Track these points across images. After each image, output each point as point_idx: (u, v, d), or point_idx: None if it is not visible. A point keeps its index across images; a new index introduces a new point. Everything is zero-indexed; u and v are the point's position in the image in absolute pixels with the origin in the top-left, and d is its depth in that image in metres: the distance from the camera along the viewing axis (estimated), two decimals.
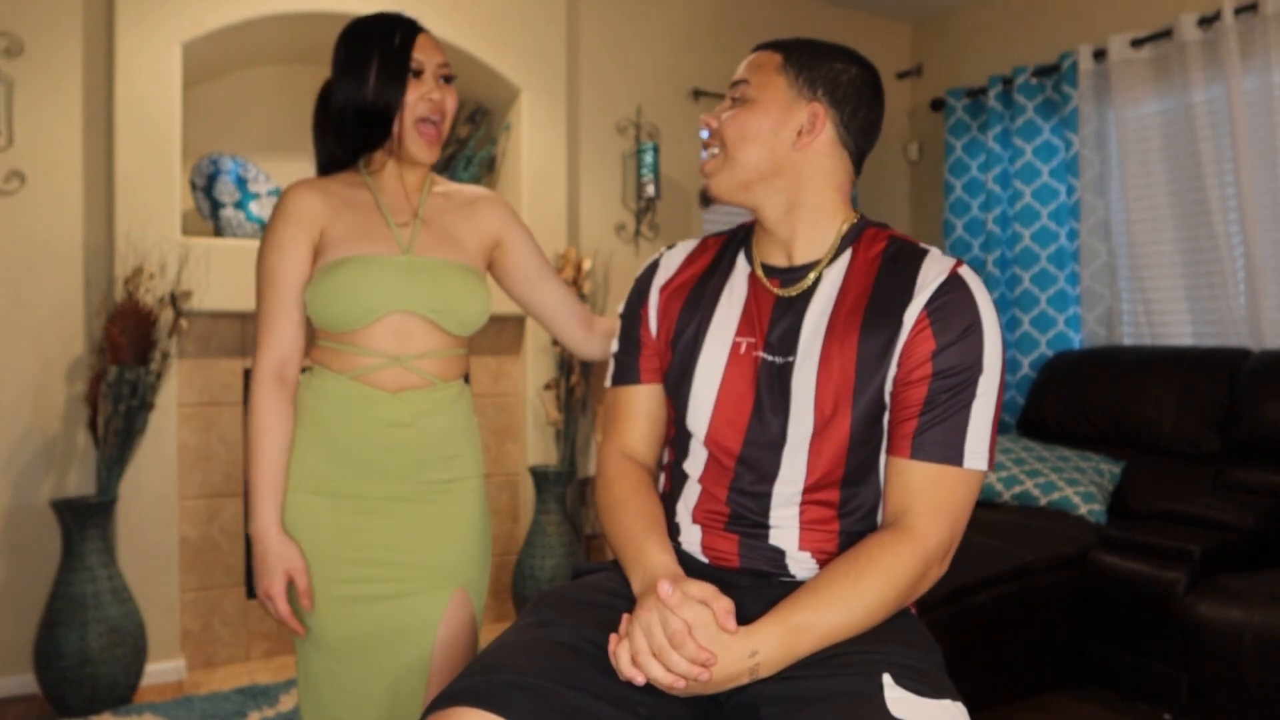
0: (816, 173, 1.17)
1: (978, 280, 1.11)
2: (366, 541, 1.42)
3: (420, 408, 1.44)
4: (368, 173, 1.50)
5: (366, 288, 1.40)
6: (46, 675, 2.51)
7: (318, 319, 1.43)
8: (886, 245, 1.16)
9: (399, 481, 1.43)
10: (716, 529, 1.17)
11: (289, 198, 1.44)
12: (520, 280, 1.58)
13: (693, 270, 1.28)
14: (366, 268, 1.40)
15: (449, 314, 1.45)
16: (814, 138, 1.16)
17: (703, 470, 1.18)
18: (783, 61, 1.18)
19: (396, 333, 1.42)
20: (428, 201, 1.52)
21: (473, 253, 1.52)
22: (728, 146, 1.18)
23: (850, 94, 1.18)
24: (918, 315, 1.08)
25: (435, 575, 1.44)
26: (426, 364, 1.45)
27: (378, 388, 1.42)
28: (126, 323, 2.58)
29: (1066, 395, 3.33)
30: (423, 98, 1.43)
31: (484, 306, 1.50)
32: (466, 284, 1.47)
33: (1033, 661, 2.55)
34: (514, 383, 3.52)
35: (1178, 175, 3.33)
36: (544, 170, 3.47)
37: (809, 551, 1.13)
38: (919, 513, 1.05)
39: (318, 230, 1.43)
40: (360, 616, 1.41)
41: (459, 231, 1.52)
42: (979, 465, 1.07)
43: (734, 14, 3.86)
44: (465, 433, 1.52)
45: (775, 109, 1.16)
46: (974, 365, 1.07)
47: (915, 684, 0.96)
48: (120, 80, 2.75)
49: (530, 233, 1.61)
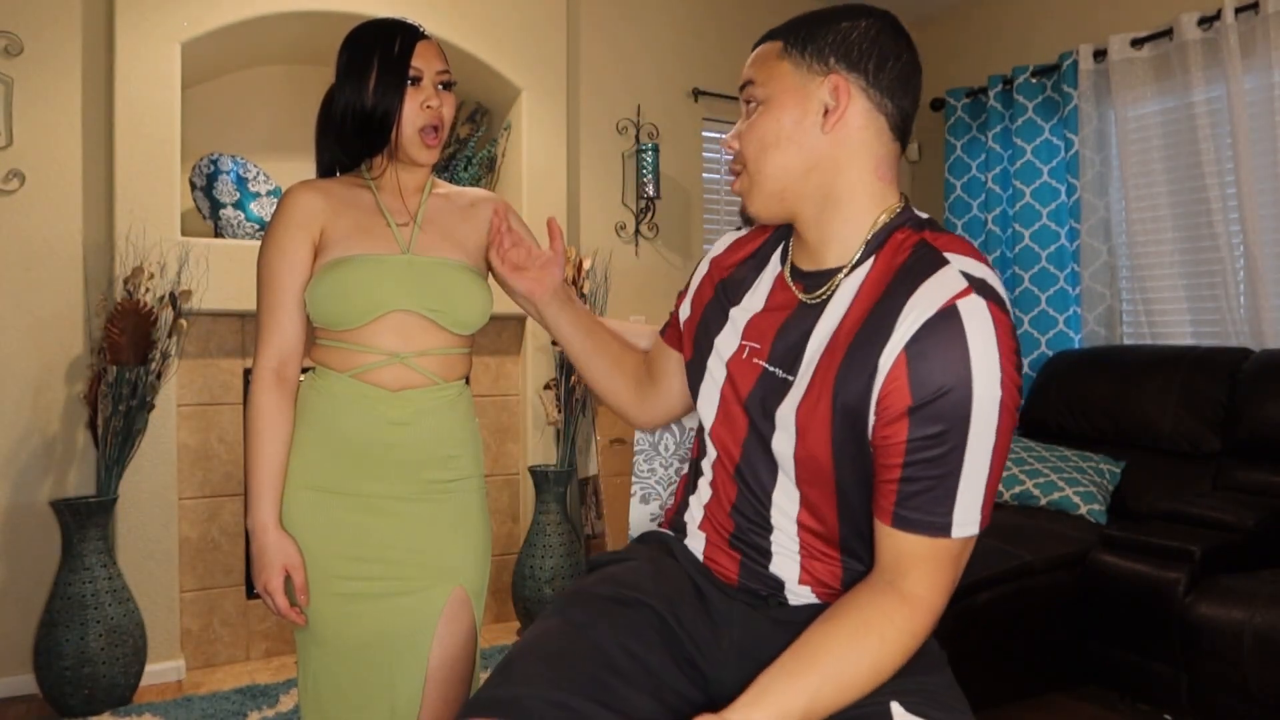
0: (855, 154, 1.01)
1: (983, 313, 0.90)
2: (367, 539, 1.42)
3: (421, 406, 1.45)
4: (369, 175, 1.51)
5: (367, 286, 1.40)
6: (46, 675, 2.51)
7: (318, 317, 1.43)
8: (910, 254, 0.98)
9: (400, 480, 1.44)
10: (720, 544, 1.13)
11: (290, 198, 1.45)
12: None
13: (737, 256, 1.20)
14: (367, 266, 1.41)
15: (448, 313, 1.45)
16: (843, 114, 1.00)
17: (714, 474, 1.15)
18: (783, 46, 1.04)
19: (397, 331, 1.43)
20: (428, 202, 1.53)
21: (473, 252, 1.53)
22: (750, 164, 1.06)
23: (869, 49, 1.01)
24: (894, 360, 0.92)
25: (435, 574, 1.45)
26: (427, 362, 1.46)
27: (379, 386, 1.43)
28: (126, 323, 2.58)
29: (1066, 395, 3.33)
30: (421, 106, 1.44)
31: (483, 306, 1.50)
32: (466, 283, 1.47)
33: (1033, 661, 2.55)
34: (514, 383, 3.52)
35: (1178, 175, 3.33)
36: (544, 170, 3.47)
37: (809, 586, 1.07)
38: (915, 578, 0.95)
39: (318, 230, 1.44)
40: (359, 614, 1.42)
41: (459, 232, 1.53)
42: (968, 533, 0.94)
43: (734, 14, 3.86)
44: (466, 433, 1.52)
45: (789, 99, 1.02)
46: (961, 424, 0.90)
47: (925, 708, 0.94)
48: (120, 80, 2.75)
49: (532, 235, 1.60)
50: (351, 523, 1.42)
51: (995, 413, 0.90)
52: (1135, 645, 2.43)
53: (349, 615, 1.42)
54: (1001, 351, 0.90)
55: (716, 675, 1.07)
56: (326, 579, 1.41)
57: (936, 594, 0.96)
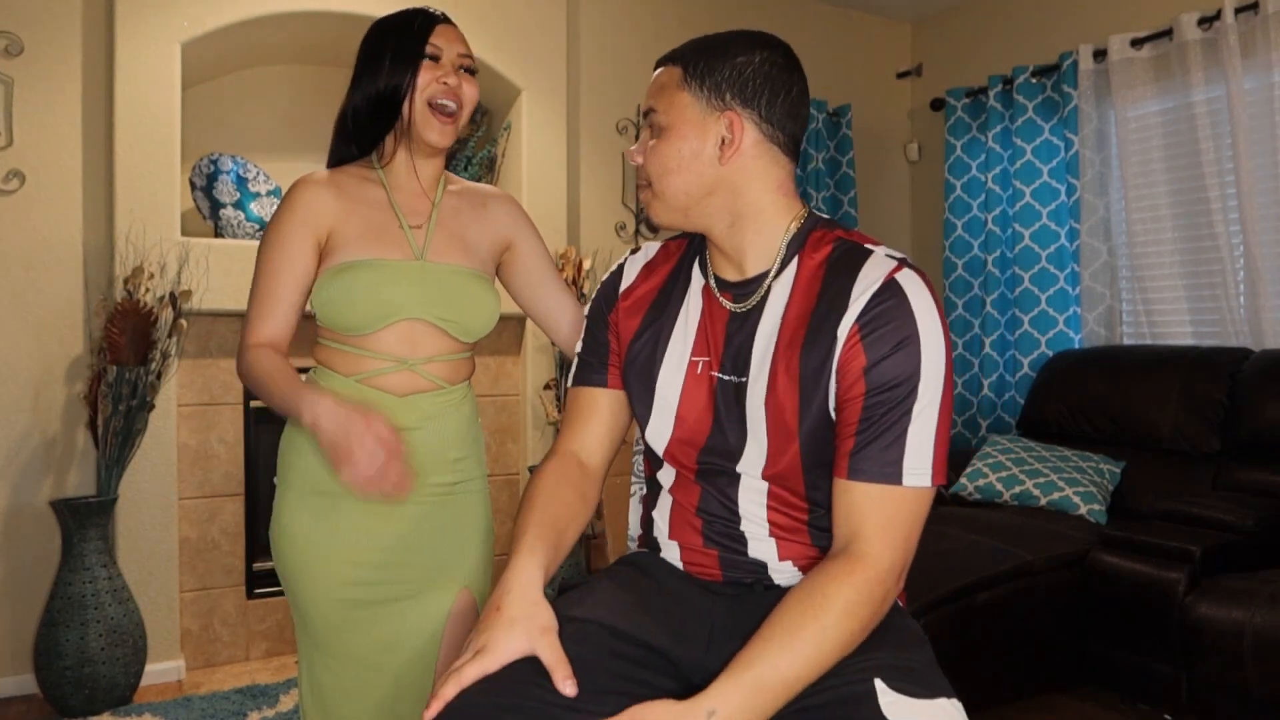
0: (751, 180, 1.11)
1: (918, 283, 1.04)
2: (371, 544, 1.40)
3: (427, 412, 1.42)
4: (380, 166, 1.46)
5: (379, 294, 1.37)
6: (46, 675, 2.51)
7: (325, 320, 1.40)
8: (832, 249, 1.10)
9: None
10: (695, 547, 1.15)
11: (298, 192, 1.40)
12: (525, 284, 1.55)
13: (652, 282, 1.24)
14: (380, 273, 1.37)
15: (457, 322, 1.43)
16: (737, 147, 1.09)
17: (673, 482, 1.18)
18: (682, 75, 1.11)
19: (405, 338, 1.40)
20: (443, 202, 1.48)
21: (484, 258, 1.50)
22: (655, 183, 1.13)
23: (762, 85, 1.09)
24: (850, 329, 1.03)
25: (440, 578, 1.43)
26: (434, 368, 1.43)
27: (386, 391, 1.40)
28: (126, 323, 2.58)
29: (1066, 395, 3.33)
30: (436, 80, 1.38)
31: (491, 315, 1.47)
32: (476, 292, 1.44)
33: (1033, 661, 2.55)
34: (514, 383, 3.52)
35: (1178, 175, 3.33)
36: (544, 170, 3.47)
37: (790, 560, 1.11)
38: (867, 535, 1.00)
39: (325, 230, 1.40)
40: (365, 620, 1.41)
41: (471, 234, 1.49)
42: (920, 483, 1.01)
43: (734, 14, 3.86)
44: (471, 435, 1.50)
45: (689, 130, 1.10)
46: (911, 377, 1.01)
47: (908, 685, 0.95)
48: (120, 80, 2.75)
49: (540, 236, 1.58)
50: (357, 527, 1.40)
51: (941, 366, 1.02)
52: (1135, 645, 2.43)
53: (354, 621, 1.40)
54: (939, 315, 1.04)
55: (699, 663, 1.07)
56: (331, 584, 1.39)
57: (892, 550, 1.00)
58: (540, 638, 0.97)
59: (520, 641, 0.96)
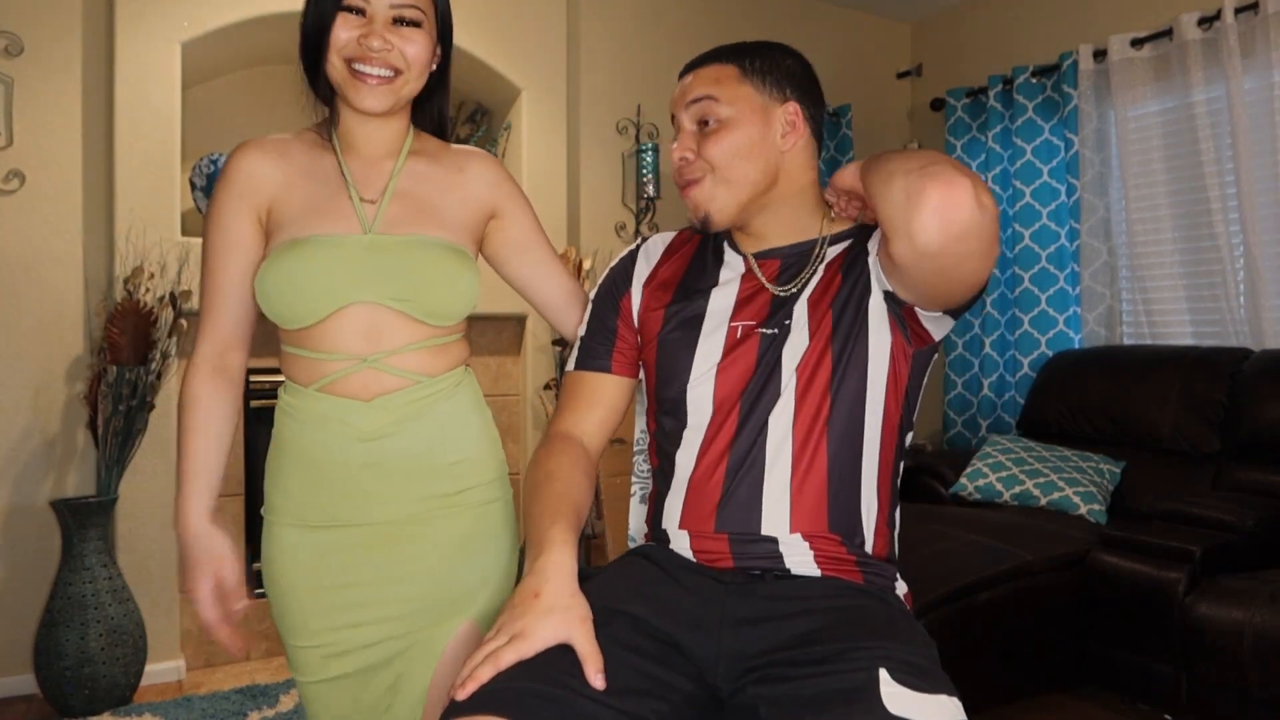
0: (799, 168, 1.22)
1: None
2: (353, 579, 1.21)
3: (400, 413, 1.20)
4: (335, 127, 1.26)
5: (315, 275, 1.15)
6: (46, 675, 2.51)
7: (269, 314, 1.20)
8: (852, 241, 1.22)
9: (389, 502, 1.21)
10: (706, 534, 1.16)
11: (234, 161, 1.22)
12: (513, 256, 1.35)
13: (676, 263, 1.28)
14: (319, 250, 1.16)
15: (418, 302, 1.20)
16: (798, 136, 1.21)
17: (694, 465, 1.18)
18: (739, 71, 1.21)
19: (362, 329, 1.18)
20: (405, 166, 1.26)
21: (456, 228, 1.26)
22: (718, 169, 1.19)
23: (807, 83, 1.24)
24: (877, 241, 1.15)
25: (438, 610, 1.23)
26: (404, 360, 1.21)
27: (349, 397, 1.19)
28: (126, 323, 2.58)
29: (1066, 395, 3.33)
30: (358, 40, 1.16)
31: (464, 291, 1.22)
32: (442, 265, 1.21)
33: (1033, 661, 2.55)
34: (514, 383, 3.52)
35: (1178, 175, 3.33)
36: (544, 170, 3.47)
37: (800, 534, 1.12)
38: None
39: (265, 204, 1.21)
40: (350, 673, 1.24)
41: (442, 202, 1.26)
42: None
43: (734, 14, 3.86)
44: (472, 431, 1.28)
45: (756, 118, 1.19)
46: None
47: (911, 679, 0.95)
48: (120, 80, 2.75)
49: (530, 205, 1.37)
50: (336, 563, 1.21)
51: None
52: (1135, 645, 2.43)
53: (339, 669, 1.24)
54: None
55: (709, 653, 1.07)
56: (312, 633, 1.22)
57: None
58: (579, 627, 0.97)
59: (558, 630, 0.97)
